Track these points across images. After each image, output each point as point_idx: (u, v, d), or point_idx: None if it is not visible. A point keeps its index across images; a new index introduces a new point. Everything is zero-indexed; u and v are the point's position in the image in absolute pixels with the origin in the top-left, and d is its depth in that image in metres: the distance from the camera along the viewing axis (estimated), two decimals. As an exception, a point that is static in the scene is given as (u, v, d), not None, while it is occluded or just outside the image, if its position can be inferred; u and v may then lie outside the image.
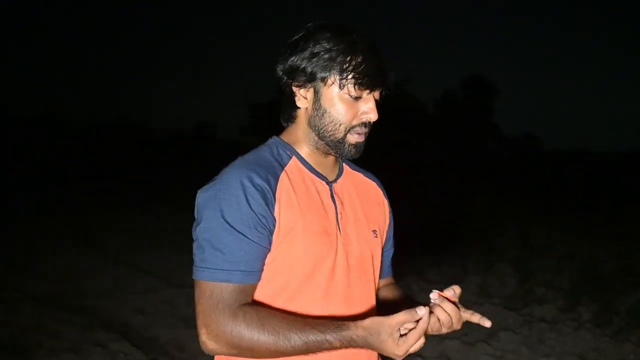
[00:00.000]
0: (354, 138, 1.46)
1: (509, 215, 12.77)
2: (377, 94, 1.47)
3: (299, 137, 1.52)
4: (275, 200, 1.39)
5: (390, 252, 1.76)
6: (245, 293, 1.38)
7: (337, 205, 1.51)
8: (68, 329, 4.99)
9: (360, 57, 1.40)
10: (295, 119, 1.52)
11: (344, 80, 1.41)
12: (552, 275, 7.22)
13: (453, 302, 1.39)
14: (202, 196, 1.41)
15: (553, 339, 5.06)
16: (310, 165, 1.51)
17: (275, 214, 1.39)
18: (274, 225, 1.39)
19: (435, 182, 19.42)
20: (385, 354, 1.31)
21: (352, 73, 1.40)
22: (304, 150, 1.52)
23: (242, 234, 1.35)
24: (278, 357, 1.35)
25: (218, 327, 1.34)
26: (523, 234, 10.21)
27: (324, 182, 1.52)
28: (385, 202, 1.72)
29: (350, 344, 1.30)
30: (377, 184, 1.71)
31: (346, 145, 1.46)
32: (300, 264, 1.43)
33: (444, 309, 1.37)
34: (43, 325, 5.07)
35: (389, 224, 1.72)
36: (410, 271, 7.09)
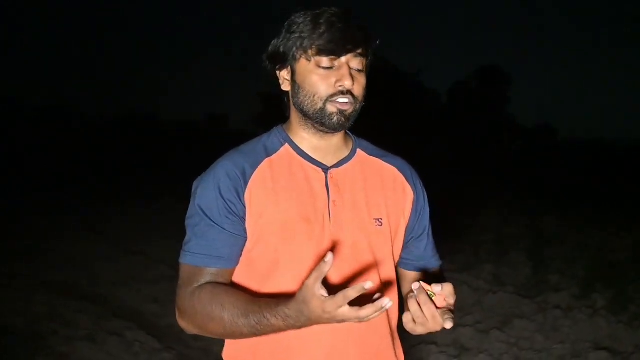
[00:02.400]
0: (334, 107, 1.42)
1: (522, 204, 12.73)
2: (354, 62, 1.43)
3: (293, 123, 1.53)
4: (246, 188, 1.42)
5: (420, 243, 1.66)
6: (212, 275, 1.42)
7: (331, 192, 1.47)
8: (83, 318, 5.01)
9: (324, 27, 1.39)
10: (288, 105, 1.53)
11: (310, 50, 1.41)
12: (566, 264, 7.20)
13: (435, 300, 1.30)
14: (194, 185, 1.50)
15: (567, 326, 5.04)
16: (304, 152, 1.50)
17: (245, 199, 1.42)
18: (244, 212, 1.42)
19: (448, 172, 19.34)
20: (319, 319, 1.20)
21: (316, 42, 1.39)
22: (299, 136, 1.52)
23: (211, 219, 1.41)
24: (231, 334, 1.36)
25: (181, 303, 1.42)
26: (536, 223, 10.18)
27: (319, 169, 1.49)
28: (408, 189, 1.61)
29: (286, 320, 1.25)
30: (400, 170, 1.62)
31: (326, 115, 1.42)
32: (276, 251, 1.43)
33: (417, 301, 1.29)
34: (57, 314, 5.09)
35: (412, 212, 1.62)
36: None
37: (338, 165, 1.52)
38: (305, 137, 1.51)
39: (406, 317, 1.31)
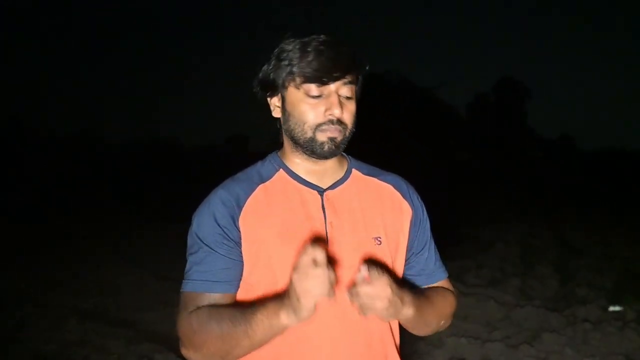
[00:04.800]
0: (324, 135, 1.42)
1: (546, 217, 12.65)
2: (343, 90, 1.43)
3: (286, 149, 1.53)
4: (240, 213, 1.43)
5: (420, 257, 1.64)
6: (210, 301, 1.41)
7: (328, 214, 1.47)
8: (113, 343, 5.07)
9: (312, 55, 1.39)
10: (280, 131, 1.54)
11: (299, 78, 1.41)
12: (593, 276, 7.15)
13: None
14: (192, 218, 1.50)
15: (597, 339, 5.01)
16: (299, 176, 1.50)
17: (240, 225, 1.43)
18: (239, 237, 1.43)
19: (469, 186, 19.27)
20: (296, 293, 1.22)
21: (304, 70, 1.40)
22: (292, 161, 1.52)
23: (208, 246, 1.42)
24: (230, 348, 1.34)
25: (179, 329, 1.40)
26: (561, 236, 10.11)
27: (314, 192, 1.49)
28: (405, 206, 1.60)
29: (277, 312, 1.27)
30: (396, 187, 1.61)
31: (317, 144, 1.43)
32: (274, 276, 1.42)
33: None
34: (88, 340, 5.16)
35: (411, 228, 1.60)
36: (449, 275, 7.05)
37: (334, 186, 1.52)
38: (299, 162, 1.51)
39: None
